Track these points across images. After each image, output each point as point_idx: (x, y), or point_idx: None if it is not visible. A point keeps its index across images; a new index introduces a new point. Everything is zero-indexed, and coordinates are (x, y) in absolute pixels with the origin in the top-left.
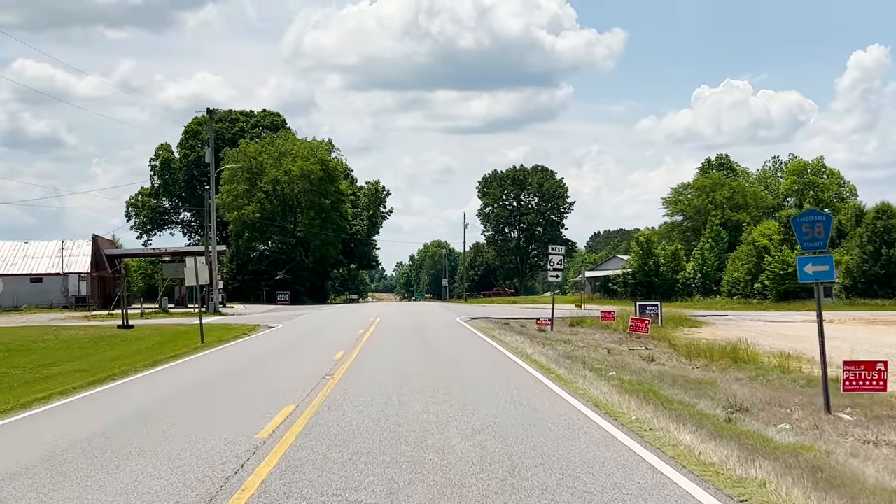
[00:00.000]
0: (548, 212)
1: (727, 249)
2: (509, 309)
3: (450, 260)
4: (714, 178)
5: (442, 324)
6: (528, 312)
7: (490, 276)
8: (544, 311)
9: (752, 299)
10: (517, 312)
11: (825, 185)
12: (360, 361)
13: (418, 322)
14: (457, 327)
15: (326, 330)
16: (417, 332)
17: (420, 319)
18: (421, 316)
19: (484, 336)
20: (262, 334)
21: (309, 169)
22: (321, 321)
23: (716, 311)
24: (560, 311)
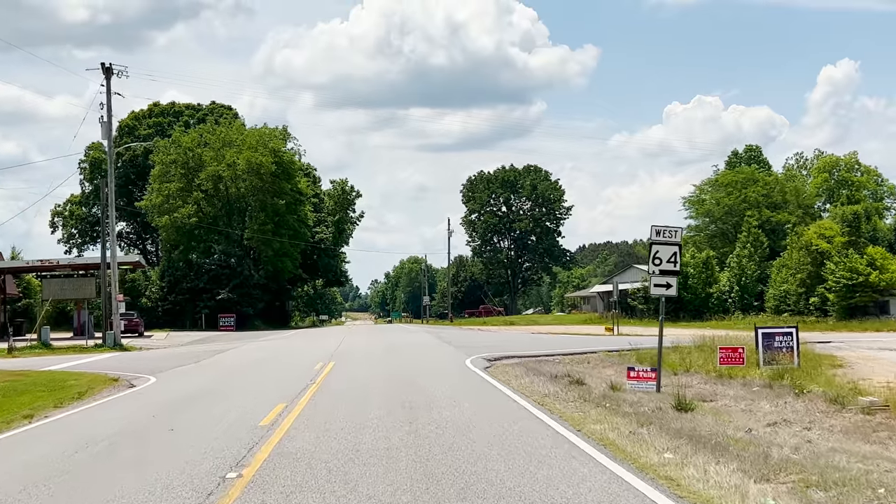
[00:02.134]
0: (542, 218)
1: (767, 257)
2: (520, 337)
3: (427, 276)
4: (746, 172)
5: (450, 382)
6: (559, 344)
7: (476, 292)
8: (574, 340)
9: (806, 316)
10: (544, 344)
11: (860, 182)
12: None
13: (403, 372)
14: (486, 394)
15: (217, 397)
16: (407, 413)
17: (404, 364)
18: (404, 355)
19: (596, 448)
20: (68, 415)
21: (258, 162)
22: (237, 367)
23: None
24: (590, 342)
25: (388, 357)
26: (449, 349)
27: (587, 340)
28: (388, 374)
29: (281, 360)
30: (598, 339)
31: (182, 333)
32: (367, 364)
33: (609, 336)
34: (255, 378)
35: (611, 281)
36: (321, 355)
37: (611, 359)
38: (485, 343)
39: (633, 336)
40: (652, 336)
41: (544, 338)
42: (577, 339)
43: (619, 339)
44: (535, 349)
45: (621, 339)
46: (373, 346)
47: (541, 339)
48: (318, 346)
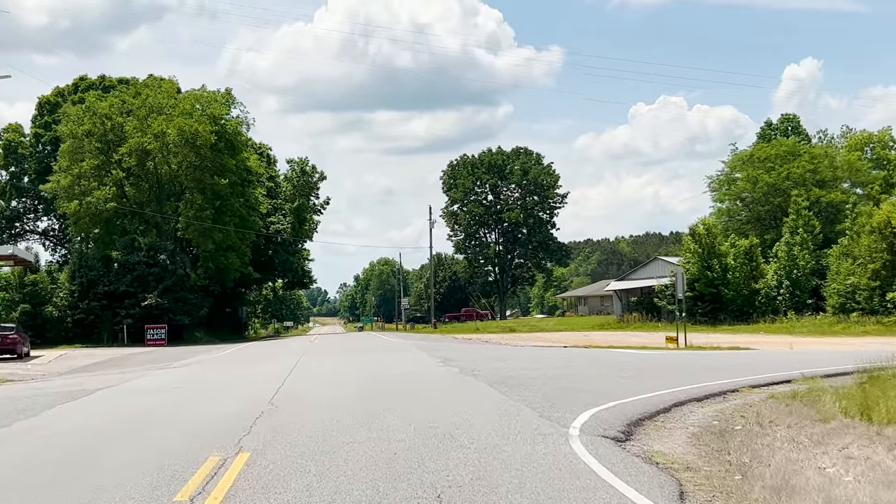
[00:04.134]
0: (534, 207)
1: (820, 245)
2: (560, 354)
3: (400, 278)
4: (787, 144)
5: None
6: (655, 371)
7: (457, 293)
8: (663, 361)
9: (884, 316)
10: (630, 370)
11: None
12: None
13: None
14: None
15: None
16: None
17: (435, 473)
18: (416, 420)
19: None
20: None
21: (193, 131)
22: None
23: None
24: (701, 365)
25: (375, 423)
26: (494, 396)
27: (685, 361)
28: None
29: (175, 413)
30: (684, 355)
31: (91, 351)
32: (324, 463)
33: (686, 351)
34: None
35: (626, 278)
36: (230, 418)
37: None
38: (530, 372)
39: (710, 349)
40: (730, 345)
41: (604, 356)
42: (659, 356)
43: (713, 355)
44: (642, 384)
45: (725, 357)
46: (342, 382)
47: (604, 360)
48: (242, 386)
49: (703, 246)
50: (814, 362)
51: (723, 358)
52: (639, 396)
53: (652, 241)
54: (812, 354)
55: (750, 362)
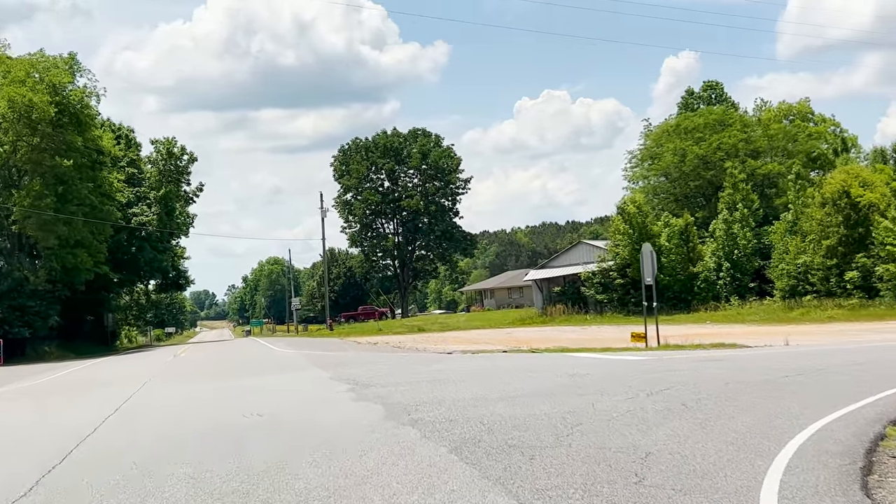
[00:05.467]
0: (436, 194)
1: (760, 221)
2: (506, 361)
3: (291, 277)
4: (717, 112)
5: None
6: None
7: (353, 290)
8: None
9: (843, 298)
10: (693, 397)
11: (818, 132)
12: None
13: None
14: None
15: None
16: None
17: None
18: None
19: None
20: None
21: (27, 102)
22: None
23: None
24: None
25: None
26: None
27: (732, 370)
28: None
29: None
30: (701, 360)
31: None
32: None
33: (677, 353)
34: None
35: (546, 266)
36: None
37: None
38: (524, 412)
39: (692, 347)
40: (714, 342)
41: (599, 370)
42: (677, 365)
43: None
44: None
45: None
46: (174, 455)
47: (616, 375)
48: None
49: (634, 226)
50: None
51: (768, 362)
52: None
53: (549, 230)
54: (850, 353)
55: (820, 366)
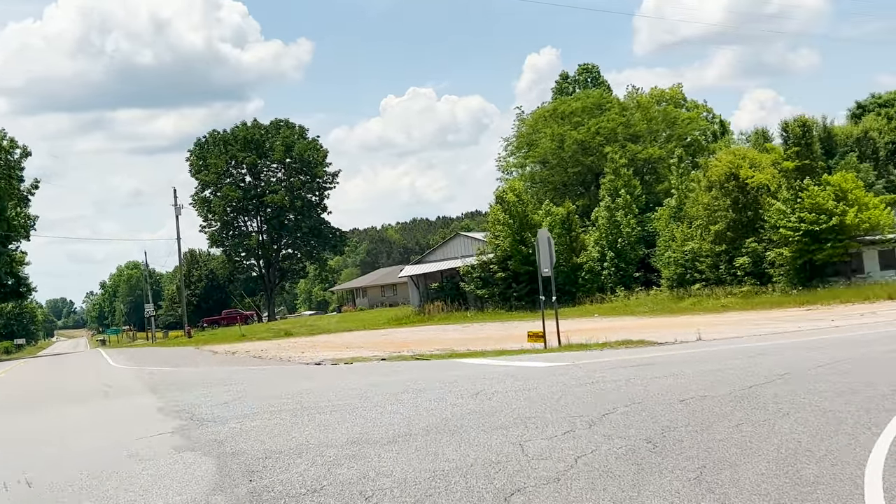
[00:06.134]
0: (302, 188)
1: (644, 208)
2: (386, 370)
3: (152, 283)
4: (595, 95)
5: None
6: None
7: (216, 293)
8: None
9: (734, 286)
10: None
11: (690, 119)
12: None
13: None
14: None
15: None
16: None
17: None
18: None
19: None
20: None
21: None
22: None
23: None
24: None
25: None
26: None
27: (695, 379)
28: None
29: None
30: (592, 365)
31: None
32: None
33: (584, 354)
34: None
35: (422, 262)
36: None
37: None
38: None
39: (598, 347)
40: (622, 341)
41: (477, 382)
42: (581, 374)
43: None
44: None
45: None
46: None
47: (495, 399)
48: None
49: (514, 216)
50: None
51: (706, 364)
52: None
53: (420, 227)
54: (797, 348)
55: (780, 368)
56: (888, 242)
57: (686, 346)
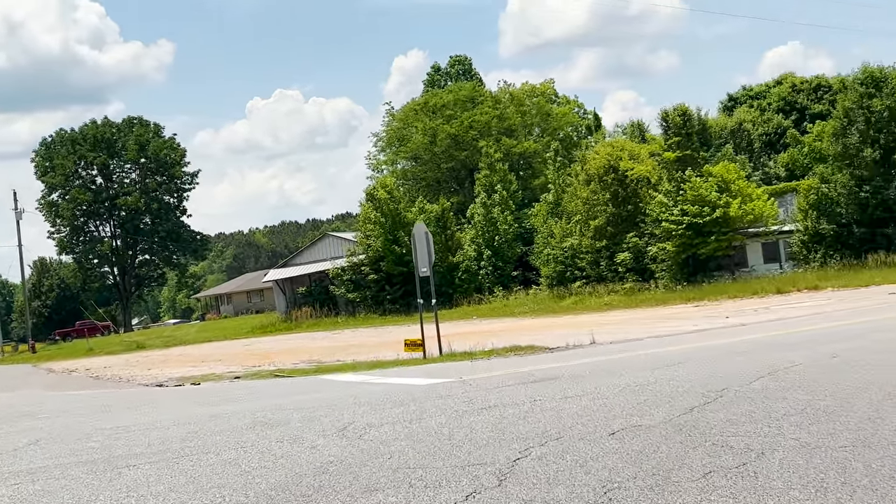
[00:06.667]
0: (158, 189)
1: (520, 204)
2: (229, 398)
3: (5, 295)
4: (467, 88)
5: None
6: None
7: (69, 304)
8: None
9: (614, 283)
10: None
11: (564, 114)
12: None
13: None
14: None
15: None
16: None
17: None
18: None
19: None
20: None
21: None
22: None
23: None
24: None
25: None
26: None
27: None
28: None
29: None
30: (484, 382)
31: None
32: None
33: (449, 366)
34: None
35: (288, 265)
36: None
37: None
38: None
39: (483, 355)
40: (509, 347)
41: (345, 411)
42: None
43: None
44: None
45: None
46: None
47: (371, 437)
48: None
49: (386, 214)
50: None
51: (622, 378)
52: None
53: (289, 230)
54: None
55: (712, 382)
56: (771, 235)
57: (582, 351)
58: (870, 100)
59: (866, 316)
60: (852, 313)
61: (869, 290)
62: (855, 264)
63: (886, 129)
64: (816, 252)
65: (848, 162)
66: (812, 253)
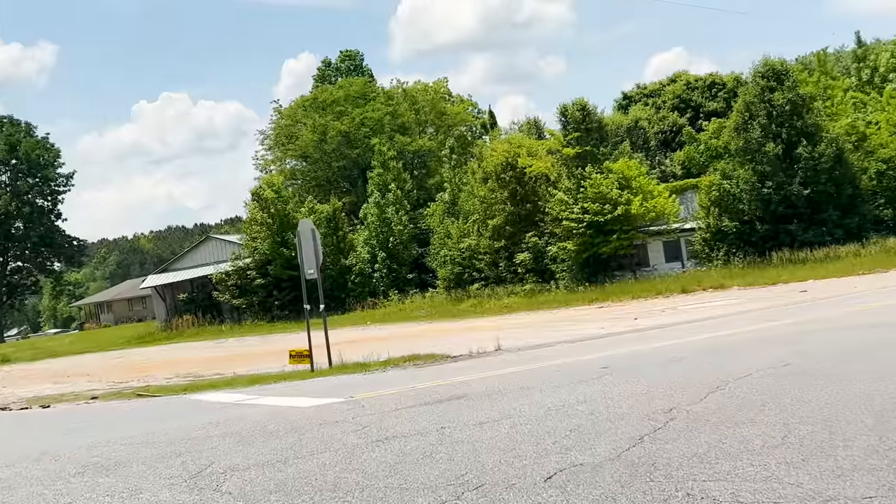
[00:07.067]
0: (30, 192)
1: (416, 204)
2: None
3: None
4: (359, 83)
5: None
6: None
7: None
8: None
9: (514, 285)
10: None
11: (456, 113)
12: None
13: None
14: None
15: None
16: None
17: None
18: None
19: None
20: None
21: None
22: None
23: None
24: None
25: None
26: None
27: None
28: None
29: None
30: (375, 401)
31: None
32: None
33: (341, 380)
34: None
35: (169, 270)
36: None
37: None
38: None
39: (374, 367)
40: (408, 355)
41: (204, 445)
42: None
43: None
44: None
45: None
46: None
47: (230, 482)
48: None
49: (273, 215)
50: None
51: (552, 395)
52: None
53: (176, 234)
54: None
55: (655, 403)
56: (673, 233)
57: (489, 360)
58: (771, 93)
59: (788, 317)
60: (771, 313)
61: (777, 288)
62: (759, 262)
63: (788, 124)
64: (719, 250)
65: (750, 157)
66: (714, 251)
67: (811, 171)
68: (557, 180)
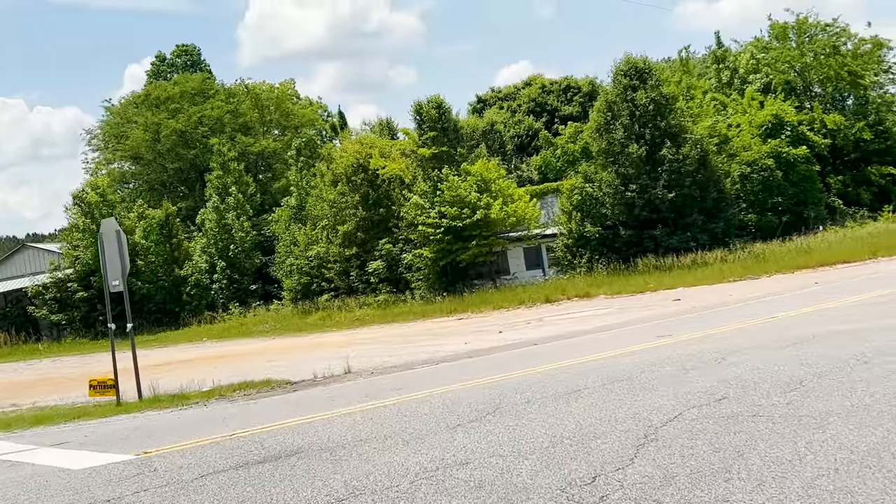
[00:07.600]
0: None
1: (260, 209)
2: None
3: None
4: (196, 80)
5: None
6: None
7: None
8: None
9: (367, 296)
10: None
11: (304, 115)
12: None
13: None
14: None
15: None
16: None
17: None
18: None
19: None
20: None
21: None
22: None
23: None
24: None
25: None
26: None
27: None
28: None
29: None
30: (174, 464)
31: None
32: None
33: (148, 418)
34: None
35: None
36: None
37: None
38: None
39: (198, 404)
40: (238, 384)
41: None
42: None
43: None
44: None
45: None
46: None
47: None
48: None
49: (98, 221)
50: None
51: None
52: None
53: (6, 245)
54: None
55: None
56: (534, 239)
57: (337, 388)
58: (634, 92)
59: (683, 332)
60: (659, 326)
61: (646, 296)
62: (624, 269)
63: (652, 124)
64: (582, 257)
65: (612, 159)
66: (577, 258)
67: (675, 174)
68: (413, 183)
